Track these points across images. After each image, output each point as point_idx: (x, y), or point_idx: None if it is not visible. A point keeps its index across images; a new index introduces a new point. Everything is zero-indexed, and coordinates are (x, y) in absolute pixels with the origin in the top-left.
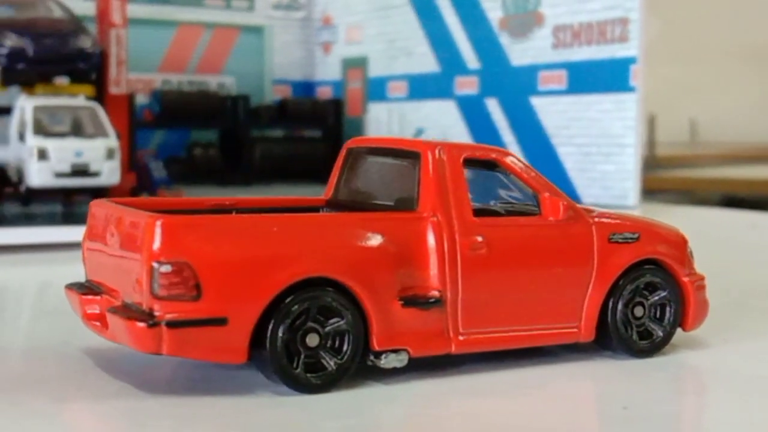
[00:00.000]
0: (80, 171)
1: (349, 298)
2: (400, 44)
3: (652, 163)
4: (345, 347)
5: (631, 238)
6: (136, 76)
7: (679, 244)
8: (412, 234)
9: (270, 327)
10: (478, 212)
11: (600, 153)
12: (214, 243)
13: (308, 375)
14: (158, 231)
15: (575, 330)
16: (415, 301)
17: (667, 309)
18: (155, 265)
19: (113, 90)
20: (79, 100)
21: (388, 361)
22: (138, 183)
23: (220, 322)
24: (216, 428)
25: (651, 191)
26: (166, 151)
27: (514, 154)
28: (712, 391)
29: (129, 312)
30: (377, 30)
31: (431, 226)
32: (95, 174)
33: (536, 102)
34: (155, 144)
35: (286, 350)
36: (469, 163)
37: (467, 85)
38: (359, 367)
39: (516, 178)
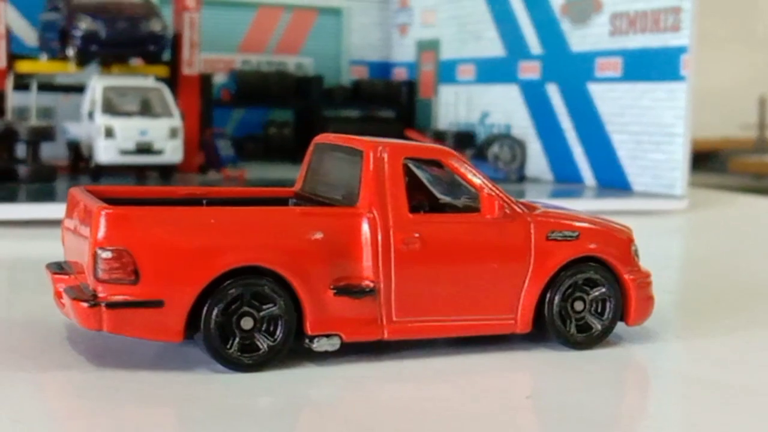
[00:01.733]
0: (144, 149)
1: (283, 286)
2: (470, 28)
3: (762, 146)
4: (278, 331)
5: (570, 236)
6: (216, 56)
7: (623, 242)
8: (347, 228)
9: (204, 310)
10: (435, 207)
11: (651, 141)
12: (153, 232)
13: (241, 355)
14: (102, 220)
15: (512, 321)
16: (347, 290)
17: (607, 304)
18: (98, 251)
19: (186, 71)
20: (148, 80)
21: (320, 345)
22: (206, 161)
23: (157, 304)
24: (142, 399)
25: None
26: (244, 129)
27: (457, 154)
28: (626, 386)
29: (77, 292)
30: (449, 14)
31: (367, 221)
32: (159, 152)
33: (593, 88)
34: (234, 122)
35: (222, 331)
36: (414, 161)
37: (530, 70)
38: (298, 349)
39: (458, 178)
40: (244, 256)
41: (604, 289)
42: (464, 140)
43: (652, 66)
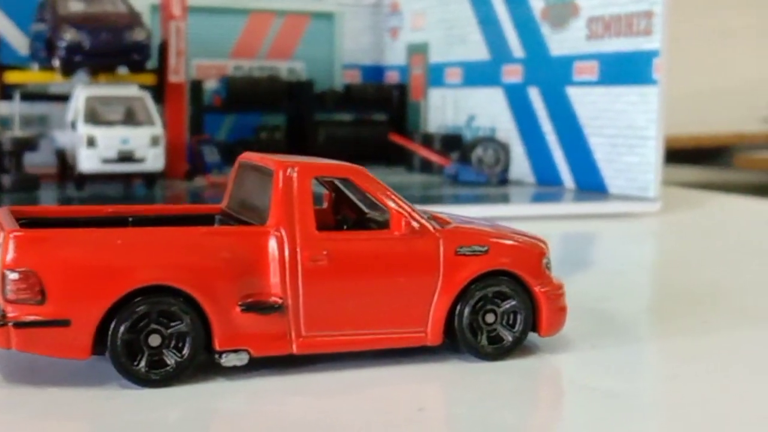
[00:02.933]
0: (126, 157)
1: (191, 304)
2: (456, 31)
3: None
4: (185, 348)
5: (480, 251)
6: (208, 62)
7: (534, 256)
8: (254, 246)
9: (111, 328)
10: (362, 222)
11: (626, 144)
12: (60, 254)
13: (150, 371)
14: (11, 243)
15: (422, 334)
16: (255, 306)
17: (518, 317)
18: (6, 272)
19: (172, 78)
20: (131, 89)
21: (228, 360)
22: (191, 167)
23: (63, 323)
24: (51, 415)
25: None
26: (236, 134)
27: (366, 172)
28: (524, 396)
29: None
30: (437, 17)
31: (274, 239)
32: (140, 160)
33: (572, 92)
34: (226, 127)
35: (130, 348)
36: (324, 180)
37: (513, 74)
38: (211, 364)
39: (369, 195)
40: (149, 276)
41: (514, 302)
42: (451, 143)
43: (626, 70)
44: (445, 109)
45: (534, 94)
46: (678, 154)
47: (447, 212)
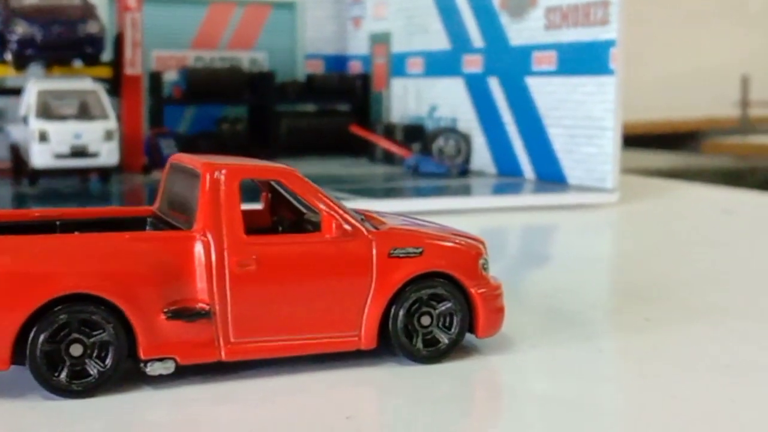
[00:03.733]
0: (79, 152)
1: (113, 312)
2: (417, 21)
3: (745, 127)
4: (108, 357)
5: (414, 253)
6: (169, 53)
7: (469, 257)
8: (179, 252)
9: (30, 337)
10: (300, 224)
11: (584, 135)
12: None
13: (71, 382)
14: None
15: (356, 338)
16: (181, 313)
17: (454, 318)
18: None
19: (129, 71)
20: (85, 83)
21: (154, 369)
22: (149, 161)
23: None
24: None
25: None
26: (197, 126)
27: (297, 173)
28: (459, 401)
29: None
30: (399, 6)
31: (201, 244)
32: (94, 155)
33: (531, 82)
34: (187, 119)
35: (50, 359)
36: (254, 182)
37: (473, 64)
38: (136, 372)
39: (299, 197)
40: (70, 284)
41: (450, 304)
42: (413, 133)
43: (583, 60)
44: (407, 99)
45: (494, 84)
46: (649, 140)
47: (385, 211)
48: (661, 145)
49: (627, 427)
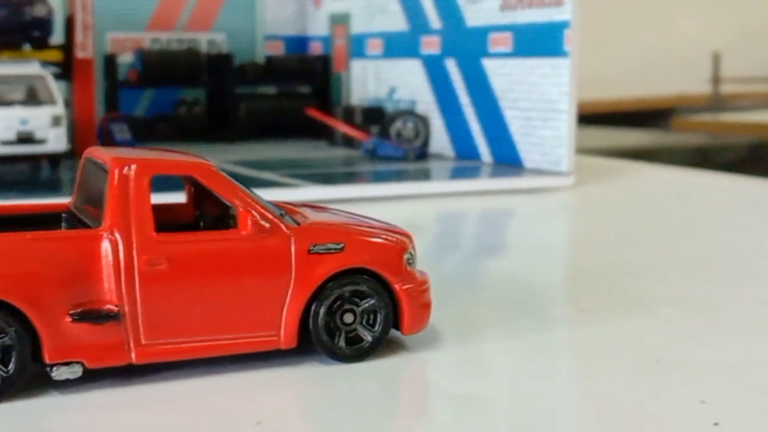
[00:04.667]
0: (26, 138)
1: (15, 315)
2: (377, 1)
3: (717, 104)
4: (11, 362)
5: (334, 249)
6: (124, 35)
7: (394, 251)
8: (85, 252)
9: None
10: (224, 219)
11: (539, 118)
12: None
13: None
14: None
15: (275, 338)
16: (87, 315)
17: (378, 315)
18: None
19: (80, 54)
20: (31, 67)
21: (60, 373)
22: (102, 145)
23: None
24: None
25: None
26: (155, 109)
27: (213, 168)
28: (382, 401)
29: None
30: None
31: (108, 243)
32: (41, 141)
33: (487, 64)
34: (145, 103)
35: None
36: (166, 177)
37: (431, 45)
38: (43, 377)
39: (214, 193)
40: None
41: (373, 301)
42: (373, 116)
43: (538, 41)
44: (367, 81)
45: (451, 66)
46: (619, 117)
47: (317, 203)
48: (631, 122)
49: (546, 424)
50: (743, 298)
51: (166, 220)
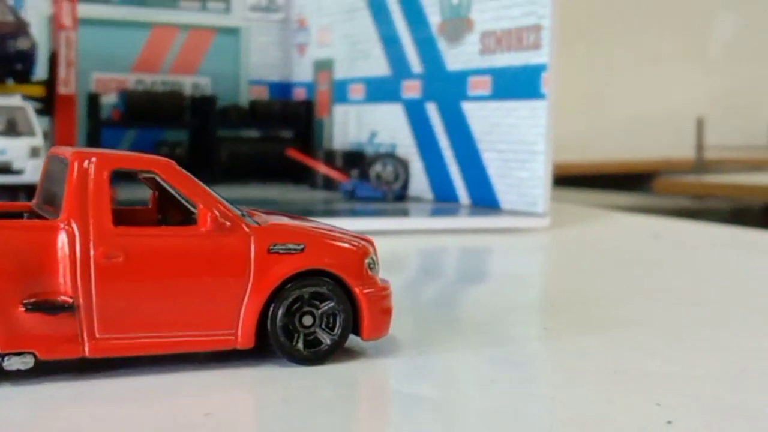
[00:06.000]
0: (3, 169)
1: None
2: (360, 47)
3: (701, 167)
4: None
5: (295, 249)
6: (109, 75)
7: (355, 255)
8: (41, 242)
9: None
10: (188, 221)
11: (517, 159)
12: None
13: None
14: None
15: (232, 337)
16: (41, 306)
17: (337, 319)
18: None
19: (62, 90)
20: (13, 99)
21: (11, 363)
22: None
23: None
24: None
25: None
26: (136, 149)
27: (174, 165)
28: (337, 402)
29: None
30: (343, 32)
31: (64, 234)
32: (18, 172)
33: (466, 107)
34: (127, 142)
35: None
36: (126, 173)
37: (412, 89)
38: None
39: (174, 189)
40: None
41: (332, 303)
42: (353, 160)
43: (516, 84)
44: (348, 125)
45: (432, 110)
46: (602, 180)
47: (276, 211)
48: (614, 186)
49: (497, 427)
50: (700, 321)
51: (129, 223)
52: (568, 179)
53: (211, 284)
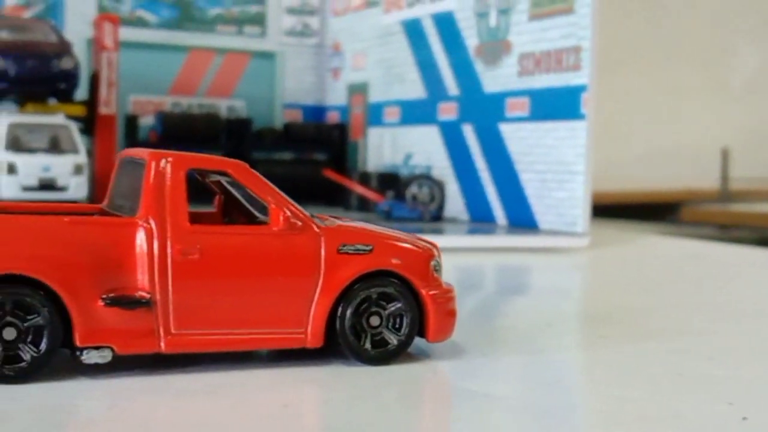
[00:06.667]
0: (47, 185)
1: (49, 296)
2: (395, 71)
3: (726, 197)
4: (42, 342)
5: (363, 250)
6: (146, 98)
7: (421, 257)
8: (120, 238)
9: None
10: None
11: (555, 180)
12: None
13: (2, 366)
14: None
15: (302, 336)
16: (119, 301)
17: (404, 320)
18: None
19: (102, 110)
20: (57, 118)
21: (90, 357)
22: None
23: None
24: None
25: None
26: None
27: (246, 166)
28: (405, 399)
29: None
30: (377, 57)
31: (143, 231)
32: (63, 188)
33: (504, 128)
34: None
35: None
36: (200, 173)
37: (448, 111)
38: (74, 363)
39: (247, 189)
40: (4, 265)
41: (400, 304)
42: (388, 181)
43: (555, 105)
44: (383, 147)
45: (468, 132)
46: (628, 210)
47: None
48: (639, 216)
49: (570, 424)
50: (753, 332)
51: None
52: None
53: (283, 283)
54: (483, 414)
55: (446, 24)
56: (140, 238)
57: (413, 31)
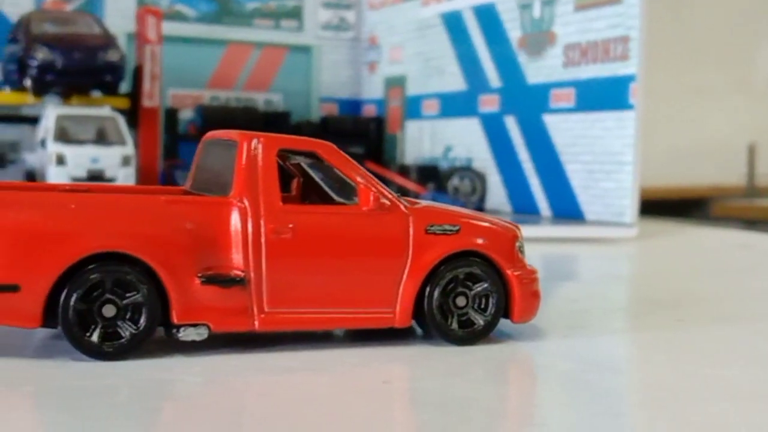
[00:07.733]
0: (96, 176)
1: (147, 273)
2: (434, 63)
3: (753, 192)
4: (141, 319)
5: (450, 230)
6: (185, 91)
7: (506, 238)
8: (215, 217)
9: (63, 296)
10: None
11: (602, 170)
12: (8, 215)
13: (102, 343)
14: None
15: (390, 315)
16: (215, 279)
17: (490, 300)
18: None
19: (146, 103)
20: (103, 110)
21: (187, 334)
22: None
23: (12, 288)
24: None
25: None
26: None
27: (334, 147)
28: (492, 376)
29: None
30: (415, 50)
31: (237, 210)
32: (110, 179)
33: (548, 119)
34: None
35: (82, 319)
36: (290, 153)
37: (489, 103)
38: (167, 338)
39: (336, 170)
40: (103, 243)
41: (486, 285)
42: (427, 174)
43: (603, 95)
44: (422, 140)
45: (510, 123)
46: (657, 206)
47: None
48: (661, 211)
49: (663, 399)
50: None
51: None
52: None
53: (372, 262)
54: (575, 393)
55: (488, 16)
56: (234, 217)
57: (453, 23)
